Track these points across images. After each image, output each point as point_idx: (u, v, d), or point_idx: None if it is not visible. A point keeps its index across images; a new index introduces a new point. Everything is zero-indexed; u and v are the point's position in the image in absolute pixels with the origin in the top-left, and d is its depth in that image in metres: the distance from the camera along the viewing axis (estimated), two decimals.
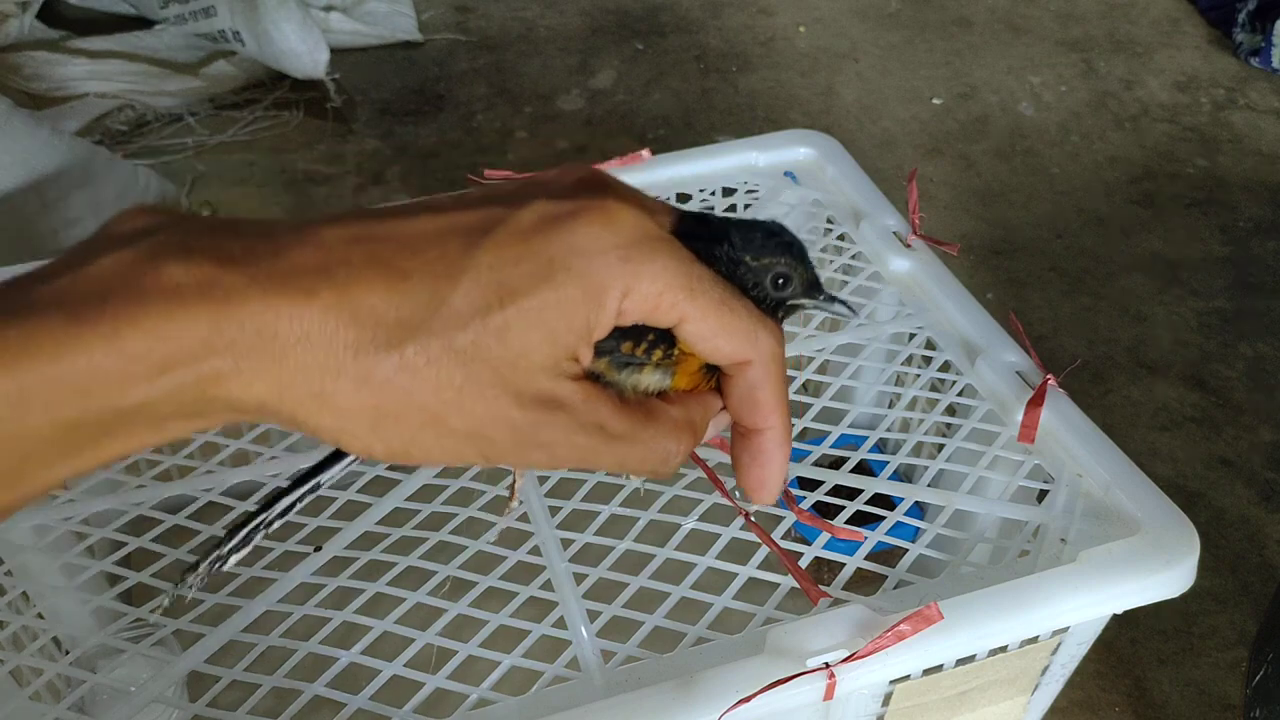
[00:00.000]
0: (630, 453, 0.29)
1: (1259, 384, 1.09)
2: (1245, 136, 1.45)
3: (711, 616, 0.50)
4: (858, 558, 0.54)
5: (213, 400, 0.25)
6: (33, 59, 1.42)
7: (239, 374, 0.25)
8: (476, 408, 0.27)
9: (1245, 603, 0.87)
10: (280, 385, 0.25)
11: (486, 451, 0.28)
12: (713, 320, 0.29)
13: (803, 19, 1.73)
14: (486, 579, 0.54)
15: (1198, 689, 0.81)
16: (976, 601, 0.48)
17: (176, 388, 0.24)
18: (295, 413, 0.26)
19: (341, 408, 0.26)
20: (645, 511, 0.56)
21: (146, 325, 0.24)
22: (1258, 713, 0.65)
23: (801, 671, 0.44)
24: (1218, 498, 0.96)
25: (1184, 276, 1.22)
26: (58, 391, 0.23)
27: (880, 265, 0.70)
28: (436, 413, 0.27)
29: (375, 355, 0.26)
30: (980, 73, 1.59)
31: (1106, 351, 1.12)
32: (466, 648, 0.50)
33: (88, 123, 1.41)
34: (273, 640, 0.51)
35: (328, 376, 0.26)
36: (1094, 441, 0.56)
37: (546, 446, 0.28)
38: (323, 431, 0.27)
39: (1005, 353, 0.62)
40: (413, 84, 1.58)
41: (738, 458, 0.33)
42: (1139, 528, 0.51)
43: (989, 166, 1.40)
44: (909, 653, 0.45)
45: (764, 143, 0.80)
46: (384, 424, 0.27)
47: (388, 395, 0.26)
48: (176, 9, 1.48)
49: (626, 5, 1.78)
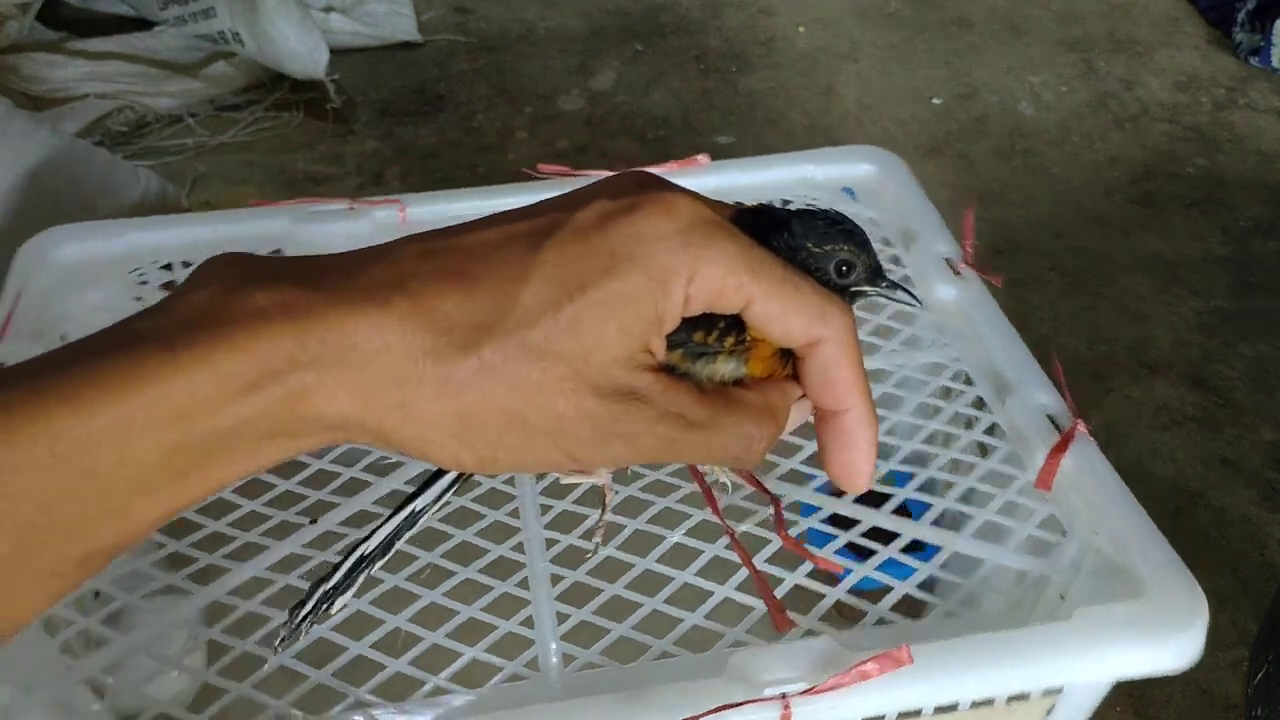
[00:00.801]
0: (713, 440, 0.29)
1: (1259, 383, 1.09)
2: (1245, 136, 1.45)
3: (679, 633, 0.50)
4: (840, 589, 0.52)
5: (301, 417, 0.26)
6: (32, 60, 1.42)
7: (323, 386, 0.26)
8: (556, 403, 0.27)
9: (1246, 602, 0.87)
10: (363, 397, 0.26)
11: (570, 449, 0.28)
12: (780, 299, 0.29)
13: (803, 19, 1.73)
14: (466, 570, 0.54)
15: (1198, 689, 0.81)
16: (954, 649, 0.45)
17: (267, 404, 0.25)
18: (381, 425, 0.27)
19: (424, 416, 0.27)
20: (633, 520, 0.56)
21: (236, 344, 0.25)
22: (1259, 712, 0.65)
23: (756, 699, 0.43)
24: (1218, 497, 0.96)
25: (1184, 276, 1.22)
26: (159, 415, 0.24)
27: (926, 290, 0.67)
28: (517, 412, 0.27)
29: (453, 359, 0.26)
30: (980, 73, 1.59)
31: (1106, 351, 1.12)
32: (433, 636, 0.51)
33: (88, 124, 1.41)
34: (252, 606, 0.52)
35: (409, 386, 0.26)
36: (1115, 495, 0.52)
37: (628, 438, 0.28)
38: (409, 444, 0.27)
39: (1038, 393, 0.58)
40: (413, 84, 1.58)
41: (824, 445, 0.32)
42: (1144, 591, 0.48)
43: (989, 166, 1.40)
44: (873, 694, 0.44)
45: (824, 156, 0.78)
46: (467, 430, 0.27)
47: (468, 399, 0.27)
48: (176, 10, 1.48)
49: (626, 5, 1.78)
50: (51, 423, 0.24)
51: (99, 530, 0.25)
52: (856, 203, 0.76)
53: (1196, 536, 0.92)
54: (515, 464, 0.28)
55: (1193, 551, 0.90)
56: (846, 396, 0.31)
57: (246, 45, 1.45)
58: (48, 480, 0.24)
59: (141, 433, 0.24)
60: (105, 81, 1.44)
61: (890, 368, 0.65)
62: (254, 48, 1.44)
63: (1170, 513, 0.94)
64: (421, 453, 0.28)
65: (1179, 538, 0.50)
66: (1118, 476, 0.53)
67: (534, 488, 0.58)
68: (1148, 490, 0.96)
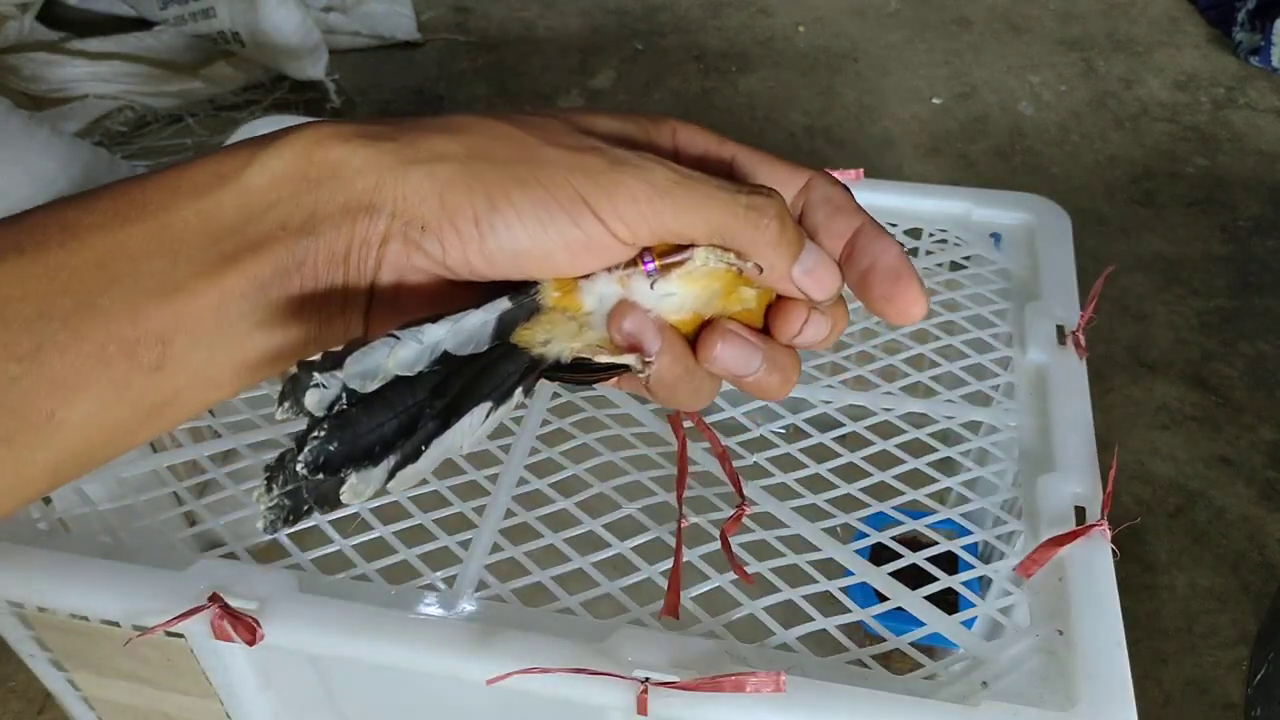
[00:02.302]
0: (717, 194, 0.29)
1: (1259, 383, 1.09)
2: (1245, 135, 1.45)
3: (590, 596, 0.52)
4: (755, 606, 0.51)
5: (320, 168, 0.28)
6: (32, 60, 1.42)
7: (336, 131, 0.28)
8: (562, 137, 0.29)
9: (1246, 602, 0.87)
10: (375, 137, 0.28)
11: (579, 182, 0.28)
12: (758, 152, 0.32)
13: (802, 19, 1.73)
14: (439, 483, 0.58)
15: (1198, 688, 0.81)
16: (830, 694, 0.45)
17: (290, 153, 0.28)
18: (394, 168, 0.28)
19: (435, 149, 0.28)
20: (601, 483, 0.58)
21: (256, 133, 0.30)
22: (1259, 712, 0.65)
23: (614, 674, 0.44)
24: (1218, 497, 0.96)
25: (1184, 275, 1.22)
26: (198, 179, 0.27)
27: (1021, 350, 0.64)
28: (524, 144, 0.29)
29: (458, 113, 0.30)
30: (980, 72, 1.59)
31: (1107, 350, 1.12)
32: (382, 529, 0.55)
33: (87, 124, 1.41)
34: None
35: (416, 128, 0.29)
36: (1102, 605, 0.49)
37: (635, 165, 0.28)
38: (425, 186, 0.28)
39: (1078, 482, 0.55)
40: (412, 84, 1.58)
41: (858, 282, 0.31)
42: (1073, 708, 0.45)
43: (989, 166, 1.40)
44: (731, 707, 0.44)
45: (987, 197, 0.75)
46: (477, 161, 0.28)
47: (474, 134, 0.28)
48: (176, 10, 1.48)
49: (626, 5, 1.78)
50: (111, 192, 0.27)
51: (145, 305, 0.26)
52: (998, 250, 0.73)
53: (1196, 536, 0.92)
54: (529, 206, 0.28)
55: (1193, 551, 0.90)
56: (855, 214, 0.31)
57: (246, 45, 1.45)
58: (105, 235, 0.26)
59: (185, 195, 0.27)
60: (105, 81, 1.44)
61: (939, 416, 0.63)
62: (253, 48, 1.44)
63: (1170, 512, 0.94)
64: (438, 198, 0.28)
65: (1179, 537, 0.49)
66: (1115, 590, 0.50)
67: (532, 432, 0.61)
68: (1148, 490, 0.97)
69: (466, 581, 0.52)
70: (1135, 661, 0.47)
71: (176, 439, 0.66)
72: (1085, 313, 0.64)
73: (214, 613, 0.47)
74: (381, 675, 0.53)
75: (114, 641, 0.52)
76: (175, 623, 0.47)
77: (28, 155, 1.05)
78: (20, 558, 0.51)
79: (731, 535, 0.54)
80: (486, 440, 0.60)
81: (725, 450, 0.58)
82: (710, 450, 0.59)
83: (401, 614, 0.49)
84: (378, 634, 0.48)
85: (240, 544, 0.55)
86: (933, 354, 0.67)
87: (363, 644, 0.48)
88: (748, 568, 0.53)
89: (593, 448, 0.61)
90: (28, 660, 0.58)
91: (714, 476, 0.58)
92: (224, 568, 0.50)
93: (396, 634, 0.48)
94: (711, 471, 0.59)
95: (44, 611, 0.53)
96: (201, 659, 0.52)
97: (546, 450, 0.60)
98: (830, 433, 0.62)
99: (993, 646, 0.49)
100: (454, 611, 0.50)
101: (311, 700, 0.56)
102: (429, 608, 0.50)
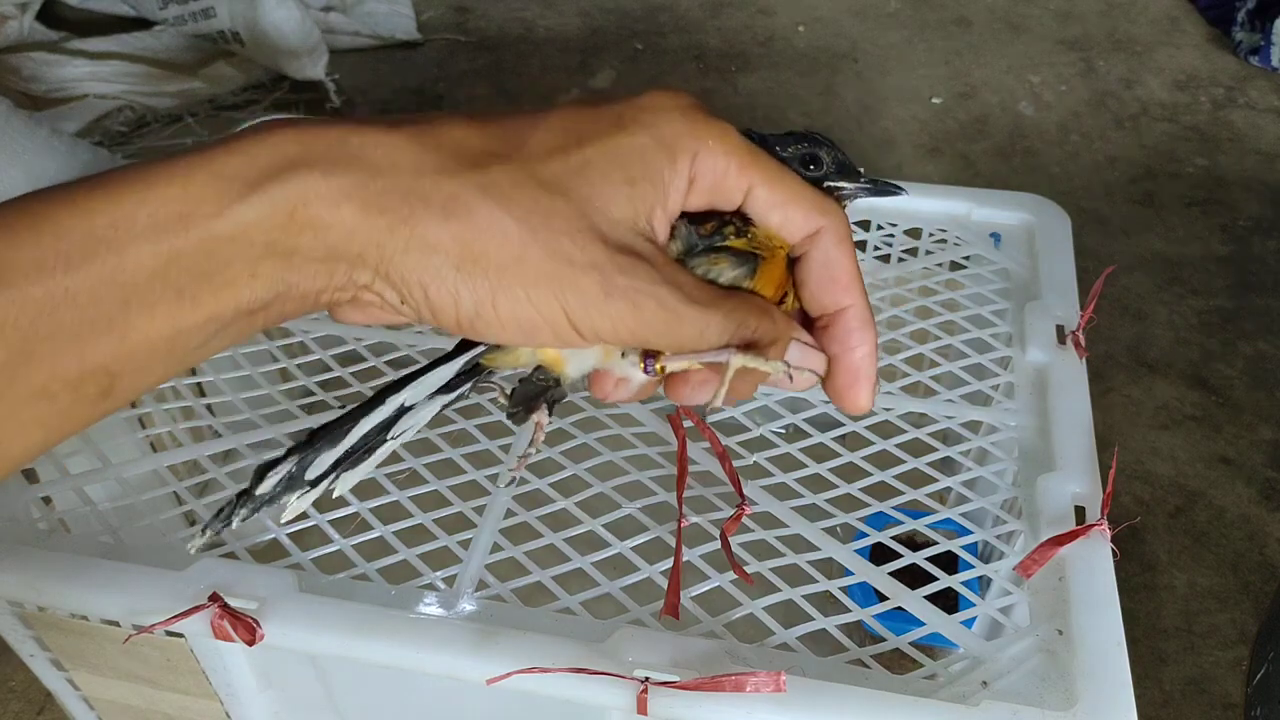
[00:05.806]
0: (710, 321, 0.29)
1: (1259, 382, 1.09)
2: (1245, 135, 1.45)
3: (589, 595, 0.51)
4: (755, 606, 0.51)
5: (302, 227, 0.25)
6: (32, 60, 1.42)
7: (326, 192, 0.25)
8: (562, 243, 0.27)
9: (1246, 601, 0.87)
10: (367, 208, 0.26)
11: (571, 305, 0.28)
12: (780, 186, 0.30)
13: (802, 19, 1.73)
14: (439, 483, 0.58)
15: (1198, 688, 0.81)
16: (832, 694, 0.45)
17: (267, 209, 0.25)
18: (383, 249, 0.26)
19: (428, 238, 0.26)
20: (601, 483, 0.58)
21: (238, 149, 0.25)
22: (1259, 711, 0.65)
23: (615, 673, 0.44)
24: (1218, 496, 0.96)
25: (1184, 275, 1.22)
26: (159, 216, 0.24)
27: (1021, 350, 0.64)
28: (522, 244, 0.27)
29: (461, 175, 0.27)
30: (980, 72, 1.59)
31: (1107, 350, 1.12)
32: (382, 529, 0.55)
33: (87, 124, 1.41)
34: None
35: (415, 200, 0.26)
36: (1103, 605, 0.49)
37: (631, 295, 0.28)
38: (409, 275, 0.27)
39: (1078, 481, 0.55)
40: (412, 84, 1.58)
41: (829, 353, 0.32)
42: (1073, 708, 0.45)
43: (989, 166, 1.40)
44: (732, 707, 0.44)
45: (987, 197, 0.75)
46: (470, 259, 0.27)
47: (474, 220, 0.26)
48: (176, 10, 1.48)
49: (626, 5, 1.78)
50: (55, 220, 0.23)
51: (94, 345, 0.24)
52: (998, 250, 0.73)
53: (1196, 536, 0.92)
54: (512, 317, 0.28)
55: (1193, 551, 0.90)
56: (847, 291, 0.31)
57: (246, 45, 1.45)
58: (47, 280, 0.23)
59: (141, 234, 0.24)
60: (105, 81, 1.44)
61: (938, 415, 0.63)
62: (254, 47, 1.44)
63: (1170, 512, 0.94)
64: (422, 288, 0.27)
65: (1179, 537, 0.49)
66: (1115, 590, 0.50)
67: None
68: (1147, 490, 0.96)
69: (466, 581, 0.52)
70: (1135, 661, 0.47)
71: (177, 439, 0.66)
72: (1085, 312, 0.64)
73: (214, 612, 0.47)
74: (381, 675, 0.53)
75: (114, 641, 0.52)
76: (175, 622, 0.47)
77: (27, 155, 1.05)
78: (20, 557, 0.51)
79: (731, 535, 0.54)
80: (487, 440, 0.61)
81: (725, 450, 0.58)
82: (710, 450, 0.59)
83: (401, 614, 0.49)
84: (377, 634, 0.48)
85: (240, 544, 0.55)
86: (933, 354, 0.67)
87: (362, 644, 0.48)
88: (748, 567, 0.53)
89: (593, 447, 0.61)
90: (28, 660, 0.58)
91: (714, 476, 0.58)
92: (224, 567, 0.50)
93: (396, 634, 0.48)
94: (711, 471, 0.58)
95: (44, 611, 0.53)
96: (201, 659, 0.52)
97: (546, 450, 0.60)
98: (830, 433, 0.62)
99: (993, 646, 0.49)
100: (454, 611, 0.50)
101: (311, 700, 0.56)
102: (429, 607, 0.50)
